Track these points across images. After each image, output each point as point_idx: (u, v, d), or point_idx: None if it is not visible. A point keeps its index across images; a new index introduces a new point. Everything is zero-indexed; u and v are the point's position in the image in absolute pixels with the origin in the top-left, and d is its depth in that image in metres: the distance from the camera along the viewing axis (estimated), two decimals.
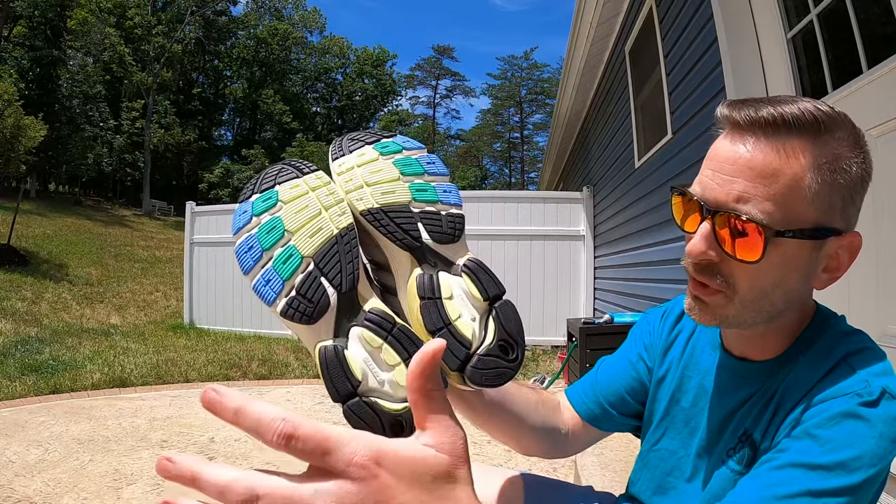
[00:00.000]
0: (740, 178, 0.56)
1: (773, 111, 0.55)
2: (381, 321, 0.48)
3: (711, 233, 0.57)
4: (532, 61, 50.12)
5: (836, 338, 0.61)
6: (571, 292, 6.04)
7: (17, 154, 12.55)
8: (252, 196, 0.51)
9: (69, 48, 26.42)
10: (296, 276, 0.47)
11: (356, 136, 0.58)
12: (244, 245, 0.48)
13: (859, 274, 1.69)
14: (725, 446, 0.65)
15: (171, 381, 4.50)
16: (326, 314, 0.47)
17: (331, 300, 0.47)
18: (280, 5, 45.10)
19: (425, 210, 0.53)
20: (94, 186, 34.61)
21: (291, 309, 0.46)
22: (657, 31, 3.63)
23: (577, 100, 6.68)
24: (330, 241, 0.49)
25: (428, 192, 0.54)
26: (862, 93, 1.73)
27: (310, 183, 0.52)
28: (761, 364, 0.65)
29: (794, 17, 2.24)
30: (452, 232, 0.53)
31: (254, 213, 0.49)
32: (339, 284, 0.48)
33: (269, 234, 0.48)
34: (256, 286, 0.47)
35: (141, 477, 2.44)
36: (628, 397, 0.80)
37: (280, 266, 0.47)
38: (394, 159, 0.55)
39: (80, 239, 15.11)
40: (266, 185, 0.51)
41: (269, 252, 0.48)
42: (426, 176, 0.55)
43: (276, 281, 0.47)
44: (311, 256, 0.48)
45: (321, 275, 0.47)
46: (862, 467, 0.50)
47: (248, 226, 0.49)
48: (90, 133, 26.17)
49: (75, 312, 8.18)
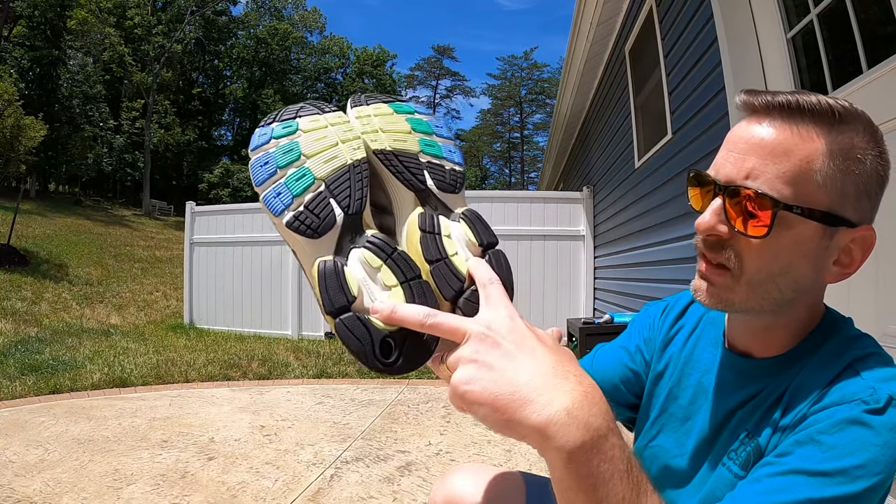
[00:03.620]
0: (752, 155, 0.57)
1: (789, 97, 0.57)
2: (384, 244, 0.50)
3: (721, 208, 0.58)
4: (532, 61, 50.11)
5: (844, 342, 0.60)
6: (571, 292, 6.04)
7: (17, 154, 12.55)
8: (273, 122, 0.54)
9: (69, 48, 26.40)
10: (306, 194, 0.49)
11: (373, 94, 0.62)
12: (260, 160, 0.51)
13: (859, 274, 1.69)
14: (725, 447, 0.64)
15: (171, 381, 4.49)
16: (331, 231, 0.49)
17: (337, 219, 0.50)
18: (280, 5, 45.08)
19: (431, 161, 0.57)
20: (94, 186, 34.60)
21: (298, 221, 0.48)
22: (657, 31, 3.63)
23: (577, 100, 6.68)
24: (343, 169, 0.52)
25: (435, 147, 0.58)
26: (862, 93, 1.73)
27: (330, 119, 0.55)
28: (765, 361, 0.64)
29: (794, 17, 2.24)
30: (454, 183, 0.57)
31: (273, 136, 0.52)
32: (347, 206, 0.50)
33: (286, 154, 0.51)
34: (266, 197, 0.49)
35: (141, 477, 2.44)
36: (622, 386, 0.80)
37: (292, 183, 0.50)
38: (406, 117, 0.59)
39: (80, 239, 15.10)
40: (288, 116, 0.55)
41: (283, 170, 0.50)
42: (434, 136, 0.59)
43: (286, 195, 0.49)
44: (324, 179, 0.51)
45: (331, 195, 0.50)
46: (864, 476, 0.49)
47: (266, 145, 0.52)
48: (90, 133, 26.14)
49: (75, 312, 8.18)
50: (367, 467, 2.59)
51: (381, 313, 0.45)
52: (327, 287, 0.47)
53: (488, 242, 0.54)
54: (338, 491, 2.33)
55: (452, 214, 0.56)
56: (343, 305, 0.47)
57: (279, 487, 2.36)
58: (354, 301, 0.47)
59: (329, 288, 0.47)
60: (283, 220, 0.48)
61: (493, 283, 0.48)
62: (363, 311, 0.47)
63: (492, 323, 0.45)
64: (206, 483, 2.38)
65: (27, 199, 18.86)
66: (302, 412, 3.62)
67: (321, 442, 2.98)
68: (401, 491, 2.33)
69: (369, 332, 0.46)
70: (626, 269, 4.73)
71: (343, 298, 0.47)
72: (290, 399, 4.01)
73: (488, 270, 0.50)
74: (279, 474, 2.51)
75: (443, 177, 0.56)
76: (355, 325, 0.46)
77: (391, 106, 0.60)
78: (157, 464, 2.60)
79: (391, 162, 0.54)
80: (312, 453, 2.80)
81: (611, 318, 3.76)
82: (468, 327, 0.44)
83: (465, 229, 0.54)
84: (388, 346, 0.47)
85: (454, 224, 0.55)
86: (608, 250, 5.49)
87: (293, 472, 2.53)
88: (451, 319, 0.45)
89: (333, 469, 2.58)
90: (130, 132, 30.93)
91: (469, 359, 0.43)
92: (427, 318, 0.45)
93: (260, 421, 3.38)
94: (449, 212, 0.56)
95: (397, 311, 0.45)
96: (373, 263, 0.49)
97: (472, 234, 0.54)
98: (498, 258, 0.54)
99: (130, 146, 31.21)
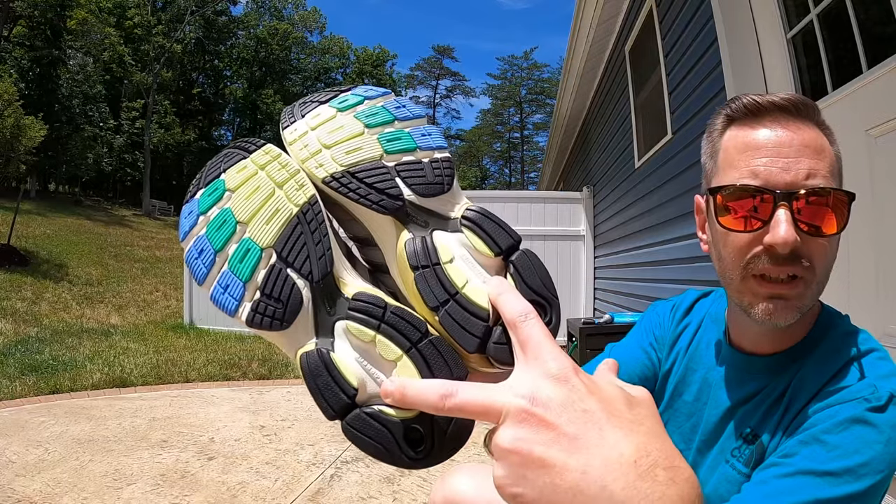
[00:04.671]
0: (803, 157, 0.57)
1: (782, 97, 0.60)
2: (369, 307, 0.39)
3: (791, 216, 0.56)
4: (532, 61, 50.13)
5: (841, 337, 0.61)
6: (571, 292, 6.04)
7: (17, 154, 12.55)
8: (197, 192, 0.42)
9: (69, 48, 26.40)
10: (257, 274, 0.39)
11: (309, 99, 0.48)
12: (193, 250, 0.40)
13: (859, 274, 1.69)
14: (728, 444, 0.64)
15: (171, 381, 4.50)
16: (301, 313, 0.39)
17: (303, 295, 0.39)
18: (280, 5, 45.11)
19: (402, 162, 0.43)
20: (94, 186, 34.59)
21: (258, 315, 0.38)
22: (657, 31, 3.63)
23: (577, 100, 6.69)
24: (290, 224, 0.40)
25: (402, 139, 0.44)
26: (862, 93, 1.73)
27: (258, 160, 0.43)
28: (768, 359, 0.64)
29: (794, 17, 2.24)
30: (440, 180, 0.43)
31: (200, 212, 0.41)
32: (310, 273, 0.39)
33: (220, 230, 0.40)
34: (214, 296, 0.39)
35: (141, 477, 2.44)
36: (638, 383, 0.79)
37: (237, 266, 0.39)
38: (355, 112, 0.46)
39: (80, 239, 15.10)
40: (211, 176, 0.43)
41: (222, 252, 0.40)
42: (396, 123, 0.45)
43: (235, 285, 0.39)
44: (272, 246, 0.40)
45: (287, 266, 0.39)
46: (869, 473, 0.50)
47: (196, 227, 0.41)
48: (90, 133, 26.15)
49: (75, 312, 8.18)
50: (367, 467, 2.59)
51: (392, 397, 0.33)
52: (319, 388, 0.37)
53: (507, 247, 0.41)
54: (338, 491, 2.33)
55: (451, 222, 0.43)
56: (344, 406, 0.37)
57: (279, 487, 2.36)
58: (356, 394, 0.37)
59: (322, 389, 0.37)
60: (241, 318, 0.38)
61: (527, 320, 0.34)
62: (371, 402, 0.37)
63: (536, 392, 0.30)
64: (206, 483, 2.38)
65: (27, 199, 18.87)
66: (302, 412, 3.62)
67: (321, 442, 2.98)
68: (401, 491, 2.33)
69: (386, 427, 0.36)
70: (626, 269, 4.74)
71: (342, 397, 0.37)
72: (290, 399, 4.01)
73: (516, 300, 0.35)
74: (279, 474, 2.51)
75: (422, 177, 0.43)
76: (366, 424, 0.36)
77: (332, 105, 0.46)
78: (157, 464, 2.60)
79: (349, 186, 0.42)
80: (312, 453, 2.80)
81: (611, 318, 3.76)
82: (502, 403, 0.30)
83: (471, 239, 0.41)
84: (417, 435, 0.37)
85: (454, 237, 0.42)
86: (608, 250, 5.49)
87: (293, 472, 2.53)
88: (478, 395, 0.31)
89: (333, 469, 2.58)
90: (130, 132, 30.92)
91: (510, 450, 0.29)
92: (444, 399, 0.32)
93: (260, 421, 3.38)
94: (445, 220, 0.43)
95: (407, 392, 0.33)
96: (363, 337, 0.38)
97: (481, 244, 0.41)
98: (526, 266, 0.41)
99: (130, 146, 31.22)
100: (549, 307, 0.40)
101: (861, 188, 1.60)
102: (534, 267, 0.41)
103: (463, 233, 0.42)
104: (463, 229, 0.42)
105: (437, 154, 0.44)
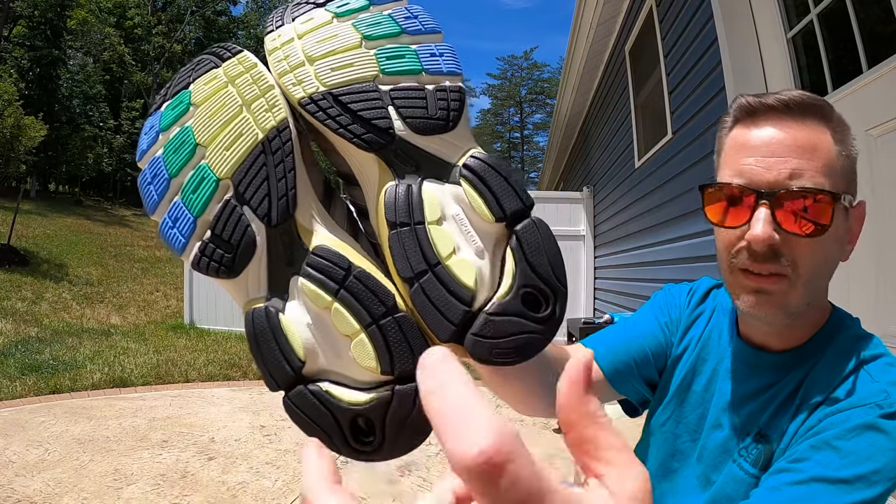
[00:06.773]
0: (790, 156, 0.57)
1: (782, 97, 0.59)
2: (328, 266, 0.32)
3: (771, 215, 0.57)
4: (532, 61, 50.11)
5: (851, 340, 0.61)
6: (571, 292, 5.99)
7: (17, 154, 12.56)
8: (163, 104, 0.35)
9: (69, 48, 26.43)
10: (210, 209, 0.32)
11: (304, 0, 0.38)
12: (147, 174, 0.34)
13: (859, 274, 1.69)
14: (735, 441, 0.64)
15: (171, 381, 4.50)
16: (252, 261, 0.33)
17: (257, 240, 0.32)
18: (280, 5, 45.11)
19: (400, 86, 0.34)
20: (94, 186, 34.57)
21: (205, 258, 0.32)
22: (657, 31, 3.64)
23: (577, 100, 6.69)
24: (253, 152, 0.33)
25: (405, 58, 0.35)
26: (862, 93, 1.73)
27: (229, 71, 0.35)
28: (777, 355, 0.64)
29: (794, 16, 2.24)
30: (444, 115, 0.34)
31: (161, 128, 0.34)
32: (267, 214, 0.32)
33: (177, 152, 0.33)
34: (163, 229, 0.33)
35: (141, 477, 2.44)
36: (652, 359, 0.77)
37: (189, 197, 0.33)
38: (355, 20, 0.36)
39: (80, 239, 15.10)
40: (179, 87, 0.35)
41: (177, 179, 0.33)
42: (404, 37, 0.36)
43: (185, 219, 0.32)
44: (230, 177, 0.33)
45: (242, 203, 0.33)
46: (881, 480, 0.50)
47: (154, 146, 0.34)
48: (90, 133, 26.17)
49: (75, 312, 8.18)
50: (367, 467, 2.59)
51: None
52: (262, 353, 0.31)
53: (513, 212, 0.33)
54: None
55: (451, 171, 0.34)
56: (287, 377, 0.31)
57: (279, 487, 2.36)
58: (303, 367, 0.32)
59: (264, 355, 0.31)
60: (188, 259, 0.32)
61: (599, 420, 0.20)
62: (319, 376, 0.32)
63: None
64: (206, 483, 2.38)
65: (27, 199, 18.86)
66: None
67: None
68: (401, 491, 2.33)
69: (330, 411, 0.31)
70: (627, 268, 4.74)
71: (285, 368, 0.31)
72: None
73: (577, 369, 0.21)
74: (279, 474, 2.51)
75: (421, 108, 0.34)
76: (309, 404, 0.31)
77: (329, 10, 0.37)
78: (157, 464, 2.60)
79: (328, 111, 0.33)
80: None
81: (611, 317, 3.76)
82: None
83: (469, 195, 0.33)
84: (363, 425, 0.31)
85: (449, 190, 0.33)
86: (608, 250, 5.49)
87: (293, 472, 2.53)
88: None
89: None
90: (130, 132, 30.92)
91: None
92: None
93: (260, 421, 3.38)
94: (443, 167, 0.34)
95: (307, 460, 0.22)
96: (318, 302, 0.31)
97: (481, 204, 0.33)
98: (533, 240, 0.33)
99: (130, 146, 31.20)
100: (549, 297, 0.33)
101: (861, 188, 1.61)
102: (543, 244, 0.33)
103: (461, 185, 0.33)
104: (461, 181, 0.33)
105: (447, 81, 0.35)
